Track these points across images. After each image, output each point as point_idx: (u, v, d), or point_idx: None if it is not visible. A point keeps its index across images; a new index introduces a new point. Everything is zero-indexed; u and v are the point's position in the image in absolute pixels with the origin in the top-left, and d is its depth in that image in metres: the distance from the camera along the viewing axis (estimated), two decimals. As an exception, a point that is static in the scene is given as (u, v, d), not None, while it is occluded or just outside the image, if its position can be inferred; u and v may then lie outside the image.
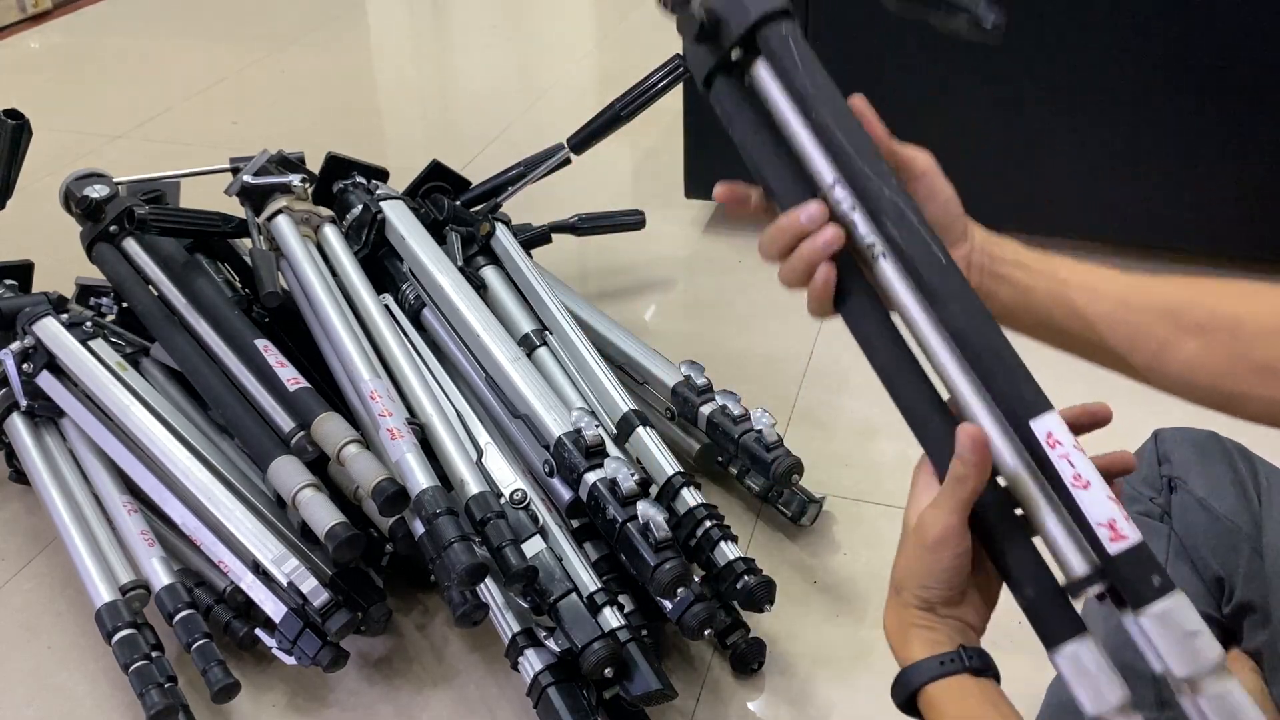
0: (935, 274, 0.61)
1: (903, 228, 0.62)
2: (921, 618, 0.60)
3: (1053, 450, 0.56)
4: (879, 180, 0.63)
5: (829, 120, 0.65)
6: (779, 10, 0.67)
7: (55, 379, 1.20)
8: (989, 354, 0.60)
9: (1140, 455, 1.10)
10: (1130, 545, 0.54)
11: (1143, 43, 1.55)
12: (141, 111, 2.54)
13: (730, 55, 0.69)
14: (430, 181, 1.46)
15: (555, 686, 0.98)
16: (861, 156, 0.64)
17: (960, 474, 0.59)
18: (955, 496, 0.59)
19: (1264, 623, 0.89)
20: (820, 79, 0.66)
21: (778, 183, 0.67)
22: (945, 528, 0.59)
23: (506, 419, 1.14)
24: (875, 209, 0.63)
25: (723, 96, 0.71)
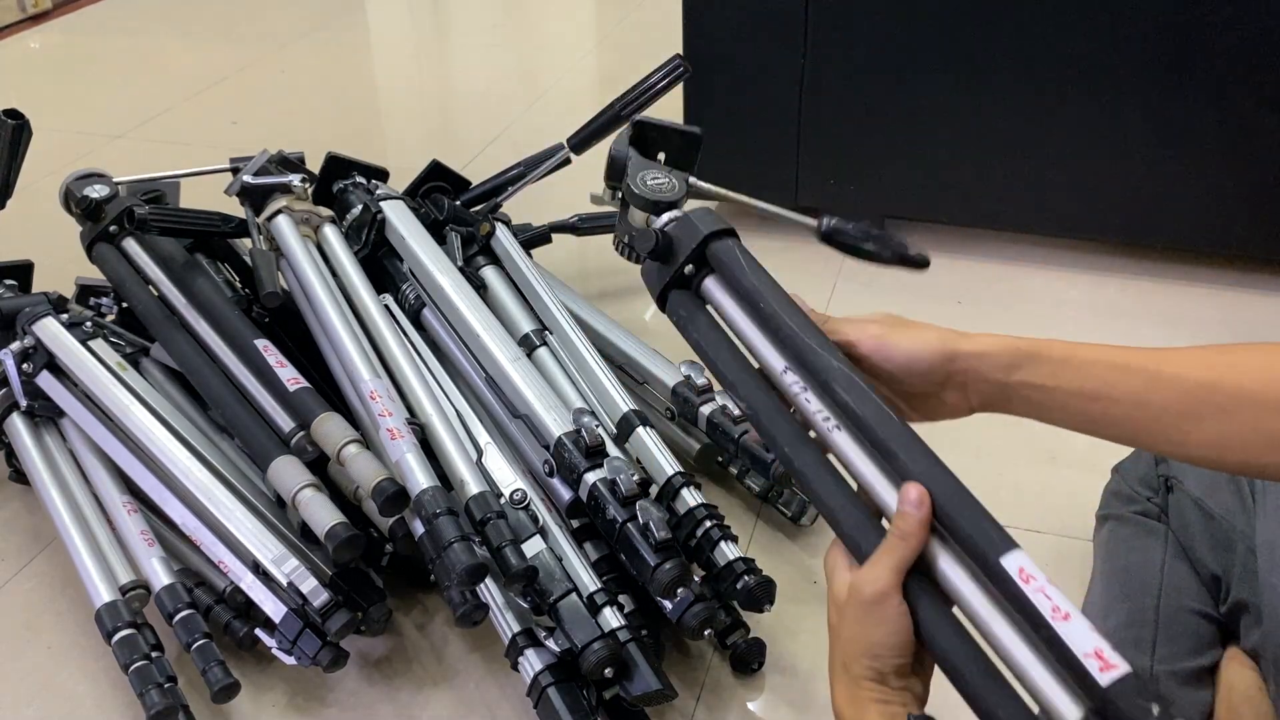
0: (884, 429, 0.65)
1: (852, 392, 0.67)
2: (877, 691, 0.60)
3: (1027, 585, 0.56)
4: (825, 353, 0.69)
5: (776, 308, 0.73)
6: (725, 229, 0.78)
7: (55, 379, 1.21)
8: (950, 499, 0.61)
9: (1138, 456, 1.11)
10: (1121, 674, 0.52)
11: (1143, 42, 1.55)
12: (141, 111, 2.54)
13: (683, 270, 0.78)
14: (430, 181, 1.46)
15: (555, 686, 0.98)
16: (806, 334, 0.71)
17: (904, 530, 0.59)
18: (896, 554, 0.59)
19: (1258, 621, 0.90)
20: (764, 277, 0.75)
21: (732, 374, 0.75)
22: (884, 585, 0.59)
23: (506, 419, 1.14)
24: (825, 380, 0.68)
25: (678, 305, 0.80)
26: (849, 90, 1.71)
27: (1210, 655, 0.93)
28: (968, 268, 1.77)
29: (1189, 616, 0.95)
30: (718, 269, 0.77)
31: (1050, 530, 1.24)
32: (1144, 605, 0.96)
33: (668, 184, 0.85)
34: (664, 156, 0.93)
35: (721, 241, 0.78)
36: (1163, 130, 1.61)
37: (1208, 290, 1.70)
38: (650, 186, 0.84)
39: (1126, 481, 1.09)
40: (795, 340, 0.70)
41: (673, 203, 0.84)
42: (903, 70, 1.67)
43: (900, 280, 1.82)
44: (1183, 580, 0.97)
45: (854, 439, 0.67)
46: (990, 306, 1.68)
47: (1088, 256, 1.79)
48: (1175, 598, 0.96)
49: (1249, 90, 1.54)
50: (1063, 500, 1.28)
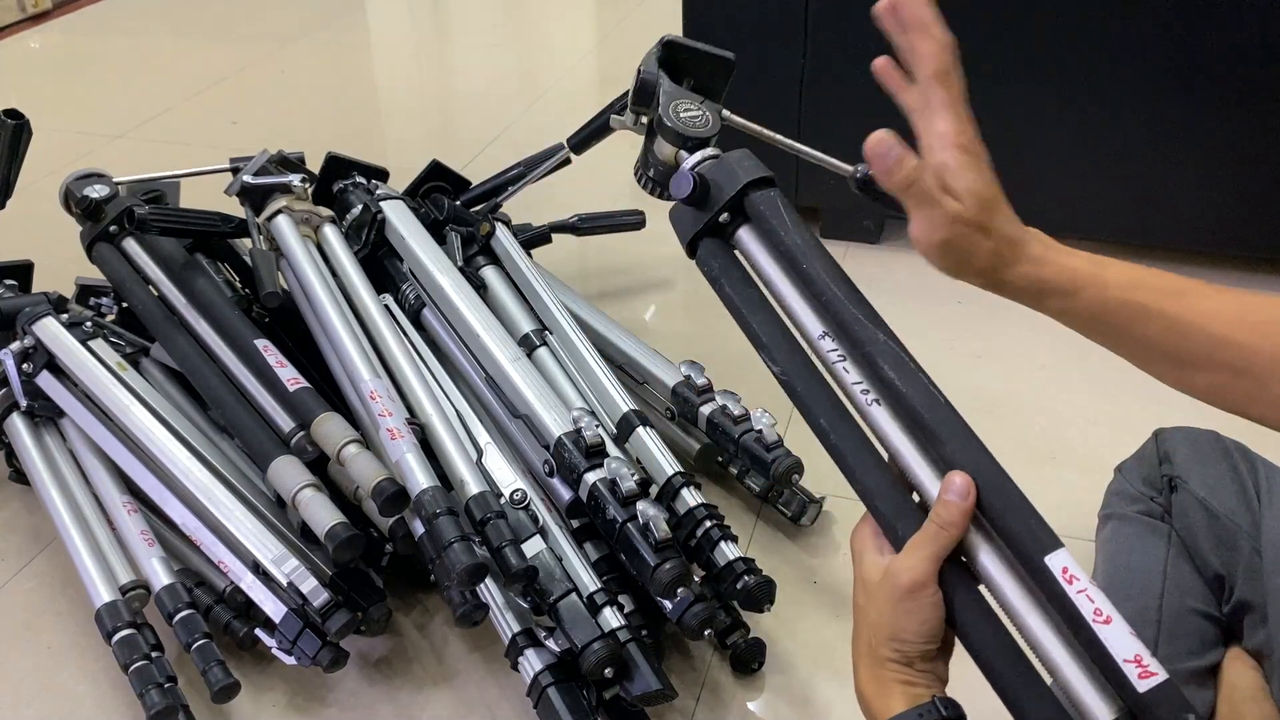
0: (933, 413, 0.62)
1: (900, 369, 0.64)
2: (902, 673, 0.60)
3: (1070, 586, 0.55)
4: (872, 326, 0.65)
5: (819, 270, 0.68)
6: (766, 176, 0.72)
7: (55, 379, 1.20)
8: (994, 492, 0.59)
9: (1141, 455, 1.11)
10: (1160, 681, 0.52)
11: (1144, 42, 1.55)
12: (141, 111, 2.54)
13: (718, 218, 0.73)
14: (430, 181, 1.46)
15: (555, 686, 0.98)
16: (852, 303, 0.66)
17: (946, 519, 0.58)
18: (936, 544, 0.59)
19: (1263, 621, 0.90)
20: (807, 235, 0.70)
21: (767, 336, 0.71)
22: (921, 574, 0.59)
23: (506, 419, 1.14)
24: (869, 353, 0.65)
25: (709, 256, 0.74)
26: (849, 90, 1.71)
27: (1213, 655, 0.93)
28: (968, 267, 1.77)
29: (1192, 616, 0.95)
30: (756, 220, 0.72)
31: (1051, 530, 1.24)
32: (1146, 605, 0.96)
33: (701, 118, 0.78)
34: (692, 83, 0.86)
35: (762, 192, 0.72)
36: (1163, 131, 1.61)
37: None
38: (684, 120, 0.78)
39: (1129, 481, 1.09)
40: (838, 307, 0.66)
41: (706, 139, 0.78)
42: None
43: (900, 280, 1.82)
44: (1186, 580, 0.97)
45: (894, 416, 0.64)
46: (990, 307, 1.67)
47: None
48: (1178, 598, 0.96)
49: (1249, 91, 1.54)
50: (1063, 500, 1.27)
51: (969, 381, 1.49)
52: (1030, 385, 1.48)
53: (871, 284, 1.72)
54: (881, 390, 0.64)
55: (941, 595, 0.59)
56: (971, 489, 0.59)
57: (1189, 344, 0.62)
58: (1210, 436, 1.04)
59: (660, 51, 0.85)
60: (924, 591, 0.59)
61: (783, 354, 0.69)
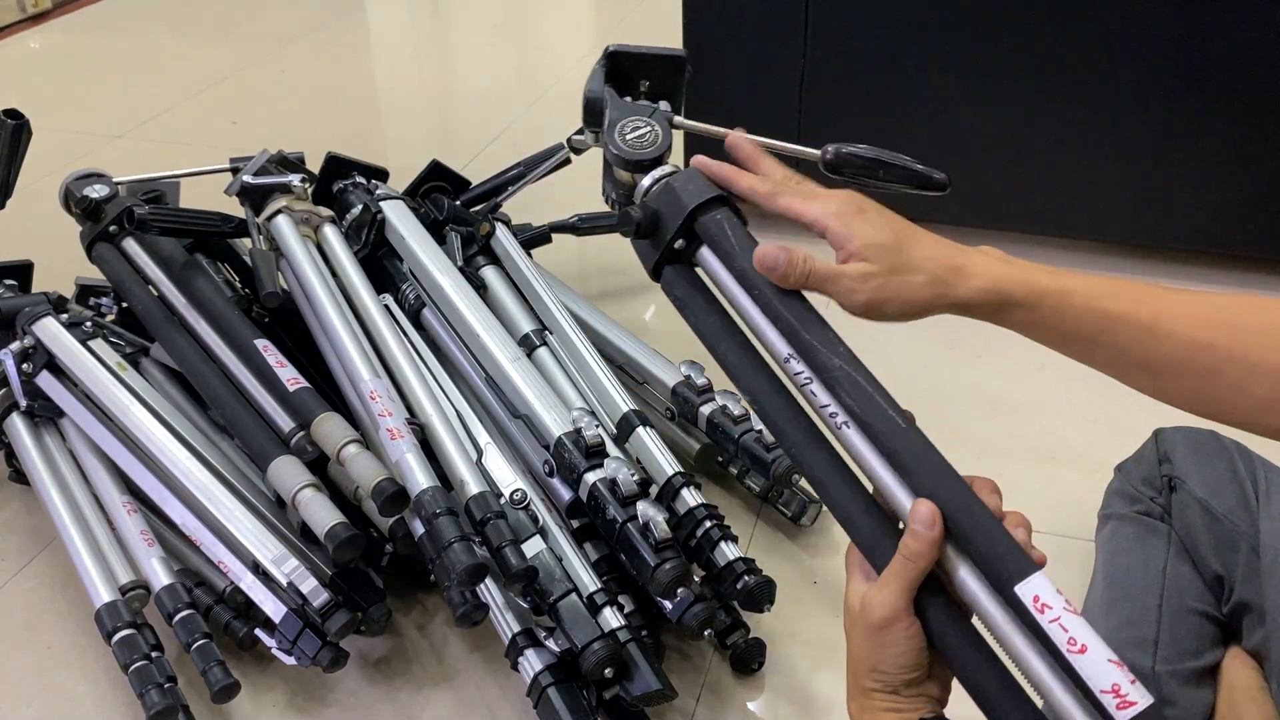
0: (897, 441, 0.61)
1: (857, 396, 0.62)
2: (888, 700, 0.59)
3: (1042, 615, 0.54)
4: (828, 351, 0.64)
5: (772, 298, 0.66)
6: (713, 197, 0.70)
7: (55, 379, 1.20)
8: (961, 520, 0.58)
9: (1141, 455, 1.11)
10: (1140, 711, 0.50)
11: (1145, 42, 1.55)
12: (141, 111, 2.54)
13: (673, 245, 0.71)
14: (430, 181, 1.46)
15: (555, 686, 0.98)
16: (808, 330, 0.64)
17: (913, 551, 0.57)
18: (904, 576, 0.58)
19: (1261, 621, 0.90)
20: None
21: (735, 362, 0.69)
22: (893, 609, 0.58)
23: (506, 419, 1.14)
24: (829, 380, 0.63)
25: (673, 284, 0.73)
26: (849, 89, 1.71)
27: (1212, 655, 0.93)
28: (968, 267, 1.77)
29: (1191, 617, 0.95)
30: (709, 244, 0.71)
31: (1050, 530, 1.24)
32: (1146, 605, 0.96)
33: (649, 135, 0.77)
34: (648, 85, 0.84)
35: (709, 215, 0.70)
36: (1163, 130, 1.61)
37: (1207, 290, 1.70)
38: (630, 142, 0.76)
39: (1129, 481, 1.09)
40: (795, 335, 0.65)
41: (656, 159, 0.76)
42: (903, 69, 1.67)
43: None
44: (1185, 580, 0.97)
45: (863, 439, 0.62)
46: (991, 306, 1.68)
47: (1088, 256, 1.79)
48: (1178, 598, 0.96)
49: (1250, 91, 1.54)
50: (1063, 500, 1.28)
51: (969, 381, 1.49)
52: (1030, 385, 1.48)
53: (871, 284, 1.73)
54: (848, 415, 0.63)
55: (918, 625, 0.58)
56: (937, 518, 0.57)
57: (1163, 350, 0.61)
58: (1210, 437, 1.05)
59: (605, 64, 0.82)
60: (897, 625, 0.58)
61: (751, 381, 0.68)
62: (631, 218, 0.72)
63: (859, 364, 0.64)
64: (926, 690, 0.60)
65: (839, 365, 0.63)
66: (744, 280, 0.68)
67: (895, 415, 0.61)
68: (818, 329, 0.65)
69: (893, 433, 0.61)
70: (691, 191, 0.71)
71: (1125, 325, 0.61)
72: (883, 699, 0.60)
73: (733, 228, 0.70)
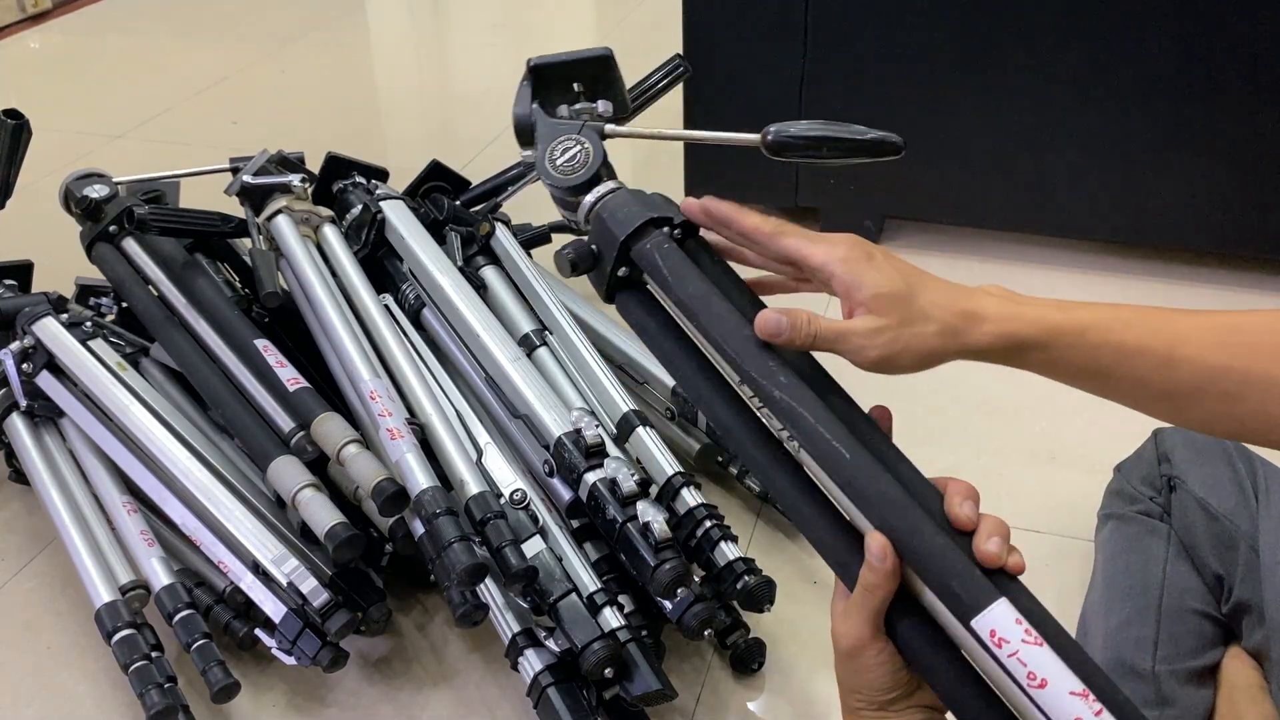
0: (843, 472, 0.58)
1: (800, 427, 0.59)
2: (876, 717, 0.59)
3: (1000, 650, 0.52)
4: (768, 383, 0.61)
5: (708, 328, 0.64)
6: (645, 222, 0.67)
7: (55, 379, 1.20)
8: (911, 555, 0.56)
9: (1140, 455, 1.11)
10: None
11: (1144, 43, 1.55)
12: (141, 111, 2.54)
13: (618, 274, 0.69)
14: (430, 181, 1.46)
15: (555, 686, 0.98)
16: (746, 360, 0.61)
17: (870, 583, 0.56)
18: (865, 607, 0.57)
19: (1260, 621, 0.90)
20: (692, 286, 0.65)
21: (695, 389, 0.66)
22: (857, 639, 0.58)
23: (506, 419, 1.14)
24: (772, 410, 0.61)
25: (627, 309, 0.70)
26: (849, 90, 1.71)
27: (1212, 655, 0.93)
28: (968, 267, 1.77)
29: (1191, 616, 0.95)
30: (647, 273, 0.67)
31: (1050, 530, 1.24)
32: (1146, 605, 0.96)
33: (579, 155, 0.73)
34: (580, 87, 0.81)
35: (641, 244, 0.67)
36: (1163, 130, 1.61)
37: (1208, 290, 1.70)
38: (562, 168, 0.73)
39: (1129, 481, 1.09)
40: (736, 365, 0.62)
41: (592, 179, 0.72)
42: (903, 70, 1.67)
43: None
44: (1185, 580, 0.97)
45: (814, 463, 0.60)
46: (990, 306, 1.68)
47: (1088, 256, 1.79)
48: (1177, 598, 0.96)
49: (1250, 90, 1.54)
50: (1063, 500, 1.28)
51: (969, 381, 1.49)
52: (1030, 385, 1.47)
53: (871, 284, 1.73)
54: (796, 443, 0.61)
55: (890, 648, 0.58)
56: (888, 551, 0.56)
57: (1181, 377, 0.60)
58: (1209, 437, 1.05)
59: (530, 81, 0.79)
60: (865, 653, 0.58)
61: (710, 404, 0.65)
62: (566, 259, 0.69)
63: (802, 391, 0.61)
64: (918, 700, 0.59)
65: (780, 396, 0.60)
66: (683, 309, 0.66)
67: (839, 446, 0.58)
68: (756, 358, 0.62)
69: (837, 464, 0.58)
70: (621, 221, 0.68)
71: (1142, 357, 0.60)
72: (871, 715, 0.60)
73: (664, 255, 0.66)
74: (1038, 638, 0.52)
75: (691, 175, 1.88)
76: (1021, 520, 1.24)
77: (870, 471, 0.58)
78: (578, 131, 0.74)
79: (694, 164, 1.86)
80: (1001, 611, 0.53)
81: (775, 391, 0.60)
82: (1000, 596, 0.53)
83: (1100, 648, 0.95)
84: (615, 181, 0.74)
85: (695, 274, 0.66)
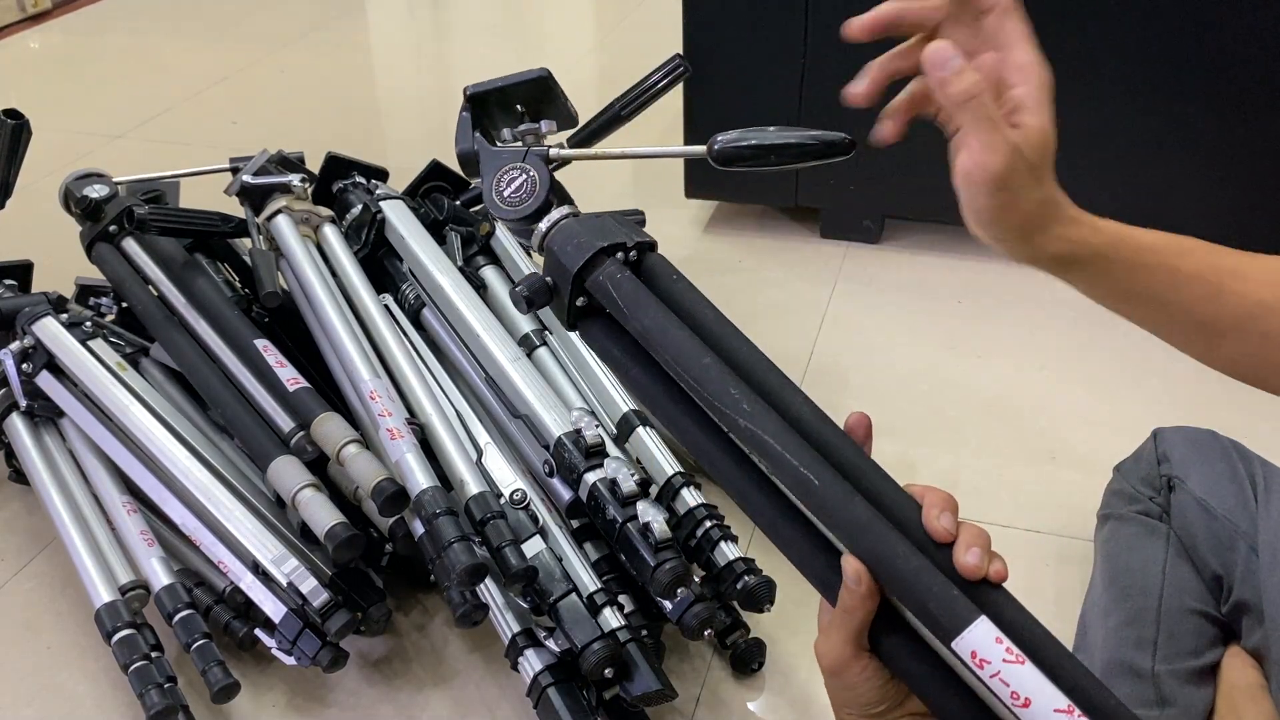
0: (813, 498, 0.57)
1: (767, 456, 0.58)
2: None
3: (982, 671, 0.51)
4: (731, 412, 0.59)
5: (668, 357, 0.62)
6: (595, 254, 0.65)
7: (55, 379, 1.20)
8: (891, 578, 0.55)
9: (1140, 455, 1.11)
10: None
11: (1144, 42, 1.55)
12: (141, 111, 2.54)
13: (576, 303, 0.67)
14: (430, 181, 1.46)
15: (555, 687, 0.98)
16: (707, 387, 0.60)
17: (848, 605, 0.56)
18: (845, 628, 0.57)
19: (1260, 620, 0.90)
20: (648, 317, 0.63)
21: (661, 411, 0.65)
22: (838, 658, 0.57)
23: (506, 419, 1.14)
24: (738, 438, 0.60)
25: (591, 336, 0.68)
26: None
27: (1212, 654, 0.93)
28: (968, 268, 1.77)
29: (1191, 616, 0.95)
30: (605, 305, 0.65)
31: (1050, 530, 1.24)
32: (1146, 605, 0.96)
33: (525, 185, 0.71)
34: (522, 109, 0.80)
35: (593, 277, 0.65)
36: (1163, 130, 1.61)
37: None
38: (509, 200, 0.71)
39: (1128, 481, 1.09)
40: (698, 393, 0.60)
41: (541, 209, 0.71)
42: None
43: (900, 280, 1.82)
44: (1184, 580, 0.97)
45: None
46: (990, 306, 1.68)
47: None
48: (1177, 598, 0.96)
49: (1250, 90, 1.54)
50: (1063, 500, 1.28)
51: (969, 382, 1.49)
52: (1030, 385, 1.48)
53: (872, 284, 1.73)
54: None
55: (874, 664, 0.57)
56: (862, 575, 0.55)
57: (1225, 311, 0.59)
58: (1208, 436, 1.05)
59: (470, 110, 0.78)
60: (848, 671, 0.58)
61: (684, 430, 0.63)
62: (521, 297, 0.67)
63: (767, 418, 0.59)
64: (908, 709, 0.59)
65: (744, 425, 0.59)
66: (641, 339, 0.64)
67: (807, 473, 0.57)
68: (718, 386, 0.60)
69: (807, 490, 0.57)
70: (571, 253, 0.65)
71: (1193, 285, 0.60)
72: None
73: (616, 285, 0.64)
74: (1019, 655, 0.51)
75: (691, 175, 1.88)
76: (1021, 520, 1.24)
77: (841, 496, 0.57)
78: (522, 159, 0.72)
79: (694, 164, 1.86)
80: (982, 632, 0.52)
81: (740, 420, 0.59)
82: (979, 616, 0.52)
83: (1100, 648, 0.95)
84: (567, 206, 0.72)
85: (651, 302, 0.64)
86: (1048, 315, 1.66)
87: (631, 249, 0.66)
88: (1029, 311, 1.67)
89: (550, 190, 0.71)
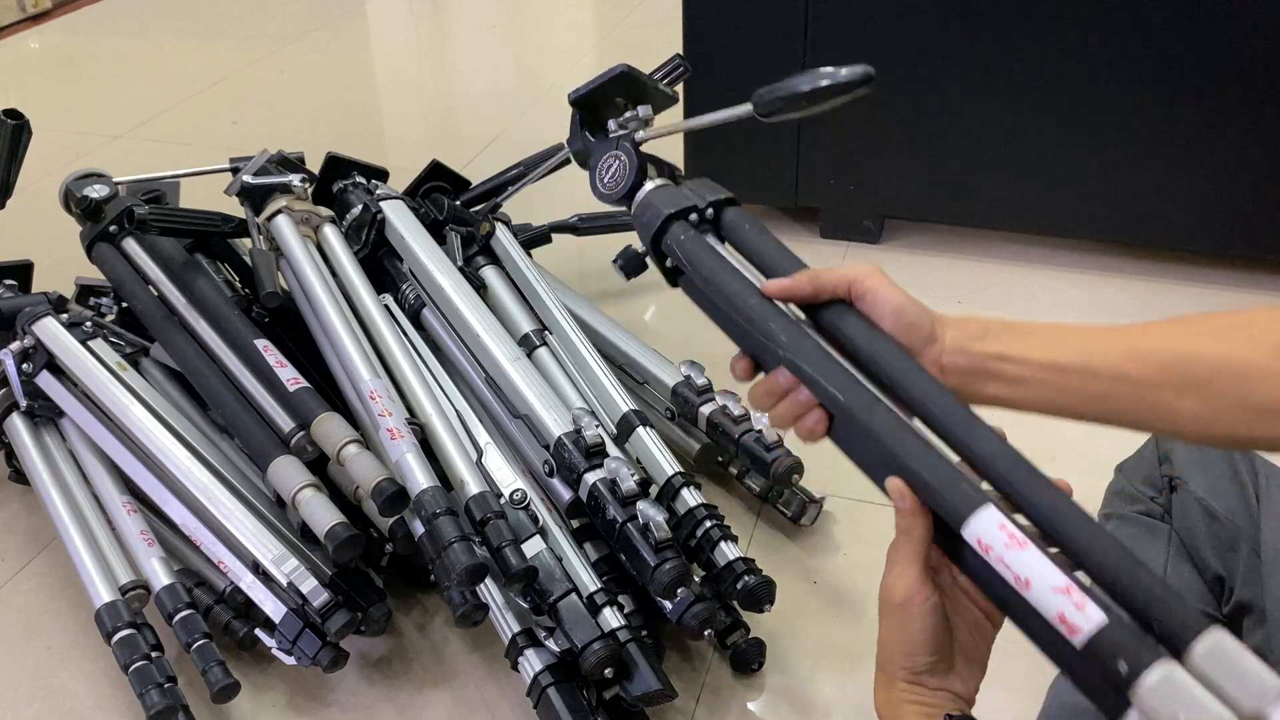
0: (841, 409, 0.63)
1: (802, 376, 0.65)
2: (913, 692, 0.60)
3: (987, 555, 0.54)
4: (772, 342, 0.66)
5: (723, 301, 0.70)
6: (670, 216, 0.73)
7: (55, 379, 1.20)
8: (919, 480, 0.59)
9: (1141, 455, 1.10)
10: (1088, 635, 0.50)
11: (1143, 43, 1.55)
12: (141, 111, 2.54)
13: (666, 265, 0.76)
14: (430, 181, 1.46)
15: (555, 686, 0.98)
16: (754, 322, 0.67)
17: (903, 525, 0.59)
18: (906, 550, 0.60)
19: (1261, 621, 0.89)
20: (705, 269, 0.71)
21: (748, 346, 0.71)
22: (908, 583, 0.59)
23: (506, 419, 1.14)
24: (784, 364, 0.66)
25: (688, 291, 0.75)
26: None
27: (1212, 655, 0.93)
28: (968, 268, 1.77)
29: (1191, 617, 0.94)
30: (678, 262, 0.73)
31: (1051, 530, 1.24)
32: (1145, 605, 0.96)
33: (619, 169, 0.80)
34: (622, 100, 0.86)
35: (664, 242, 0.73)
36: (1162, 130, 1.61)
37: (1208, 290, 1.70)
38: (608, 184, 0.81)
39: (1129, 481, 1.08)
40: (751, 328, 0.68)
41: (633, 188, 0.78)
42: (903, 70, 1.67)
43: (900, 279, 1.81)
44: (1186, 580, 0.97)
45: None
46: (990, 306, 1.68)
47: (1088, 256, 1.79)
48: (1177, 598, 0.96)
49: (1250, 90, 1.54)
50: (1063, 500, 1.27)
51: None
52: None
53: (871, 284, 1.73)
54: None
55: (936, 598, 0.59)
56: (904, 491, 0.59)
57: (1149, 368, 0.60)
58: (1210, 437, 1.04)
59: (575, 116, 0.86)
60: (915, 599, 0.59)
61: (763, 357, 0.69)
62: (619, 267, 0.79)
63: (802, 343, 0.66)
64: (949, 685, 0.60)
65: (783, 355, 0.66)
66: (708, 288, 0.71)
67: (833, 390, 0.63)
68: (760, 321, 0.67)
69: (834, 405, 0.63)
70: (647, 222, 0.75)
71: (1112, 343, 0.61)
72: (907, 690, 0.60)
73: (680, 245, 0.72)
74: (1021, 539, 0.54)
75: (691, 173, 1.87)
76: (1022, 520, 1.24)
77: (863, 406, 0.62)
78: (614, 148, 0.81)
79: (693, 165, 1.86)
80: (987, 518, 0.55)
81: (780, 351, 0.66)
82: (985, 502, 0.55)
83: (1100, 648, 0.95)
84: (654, 181, 0.79)
85: (710, 255, 0.71)
86: (1047, 315, 1.66)
87: (705, 209, 0.74)
88: (1029, 311, 1.67)
89: (639, 171, 0.79)
